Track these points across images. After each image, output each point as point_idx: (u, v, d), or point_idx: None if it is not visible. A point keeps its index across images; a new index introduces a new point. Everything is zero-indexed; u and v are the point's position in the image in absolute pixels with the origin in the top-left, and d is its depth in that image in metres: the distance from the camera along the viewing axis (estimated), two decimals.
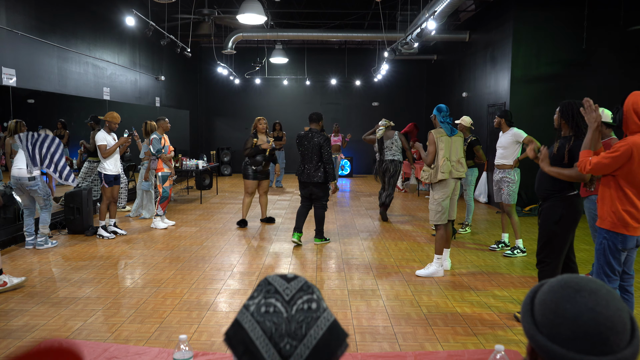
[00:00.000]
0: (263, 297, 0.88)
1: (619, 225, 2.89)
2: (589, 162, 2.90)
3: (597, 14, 8.06)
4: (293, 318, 0.85)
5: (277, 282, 0.91)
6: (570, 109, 3.45)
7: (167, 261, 5.21)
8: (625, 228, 2.88)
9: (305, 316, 0.86)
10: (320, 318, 0.87)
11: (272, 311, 0.86)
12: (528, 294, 0.93)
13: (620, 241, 2.91)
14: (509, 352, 2.01)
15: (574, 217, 3.42)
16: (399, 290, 4.35)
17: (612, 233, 2.93)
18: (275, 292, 0.88)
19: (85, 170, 7.01)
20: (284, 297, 0.88)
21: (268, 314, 0.85)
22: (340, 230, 6.92)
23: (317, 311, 0.87)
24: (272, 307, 0.86)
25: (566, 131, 3.48)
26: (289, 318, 0.85)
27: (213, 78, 14.66)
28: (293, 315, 0.86)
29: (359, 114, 15.11)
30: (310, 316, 0.86)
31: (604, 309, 0.81)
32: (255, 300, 0.89)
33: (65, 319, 3.60)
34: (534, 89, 8.34)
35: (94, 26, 8.10)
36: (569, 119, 3.44)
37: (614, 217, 2.90)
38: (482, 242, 6.25)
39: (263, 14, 6.96)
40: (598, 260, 3.02)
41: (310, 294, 0.89)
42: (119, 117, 6.21)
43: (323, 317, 0.87)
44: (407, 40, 8.15)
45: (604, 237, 2.97)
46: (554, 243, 3.44)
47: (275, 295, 0.88)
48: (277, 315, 0.85)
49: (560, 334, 0.82)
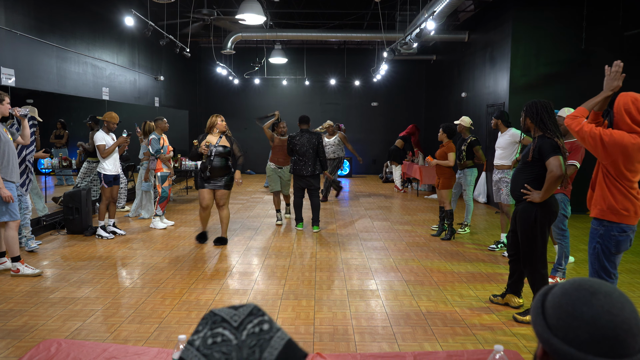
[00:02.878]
0: (209, 329, 0.82)
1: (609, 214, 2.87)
2: (583, 123, 2.85)
3: (596, 14, 8.07)
4: (244, 344, 0.79)
5: (223, 311, 0.85)
6: (534, 107, 3.48)
7: (166, 261, 5.20)
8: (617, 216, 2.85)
9: (258, 339, 0.80)
10: (273, 338, 0.81)
11: (219, 341, 0.79)
12: (537, 297, 0.92)
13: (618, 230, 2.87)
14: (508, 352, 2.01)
15: (548, 218, 3.44)
16: (398, 290, 4.35)
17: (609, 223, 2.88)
18: (222, 321, 0.82)
19: (84, 170, 7.01)
20: (231, 324, 0.81)
21: (216, 345, 0.79)
22: (340, 230, 6.92)
23: (269, 332, 0.81)
24: (219, 337, 0.80)
25: (535, 131, 3.50)
26: (239, 344, 0.79)
27: (212, 78, 14.66)
28: (244, 340, 0.79)
29: (358, 114, 15.11)
30: (263, 338, 0.80)
31: (620, 311, 0.81)
32: (200, 334, 0.82)
33: (65, 319, 3.60)
34: (533, 89, 8.34)
35: (93, 26, 8.09)
36: (534, 116, 3.45)
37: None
38: (482, 242, 6.25)
39: (262, 14, 6.96)
40: (592, 265, 2.99)
41: (261, 316, 0.83)
42: (117, 117, 6.21)
43: (277, 336, 0.81)
44: (406, 41, 8.15)
45: (597, 242, 2.94)
46: (537, 246, 3.46)
47: (222, 324, 0.82)
48: (226, 344, 0.79)
49: (578, 337, 0.81)
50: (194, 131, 14.20)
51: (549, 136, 3.39)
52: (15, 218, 4.54)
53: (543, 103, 3.46)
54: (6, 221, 4.52)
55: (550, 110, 3.44)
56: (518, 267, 3.81)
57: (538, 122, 3.43)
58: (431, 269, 5.02)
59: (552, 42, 8.29)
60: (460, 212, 7.74)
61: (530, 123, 3.52)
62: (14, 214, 4.53)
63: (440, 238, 6.38)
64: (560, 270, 4.59)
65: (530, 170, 3.47)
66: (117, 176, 6.18)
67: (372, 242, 6.18)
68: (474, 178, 6.58)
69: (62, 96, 7.10)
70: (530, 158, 3.45)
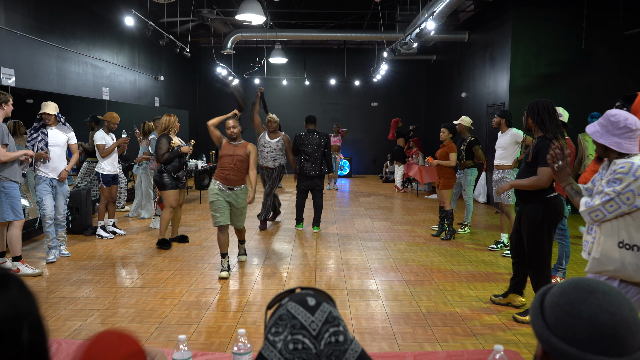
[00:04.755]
0: (289, 334, 0.88)
1: None
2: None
3: (596, 14, 8.06)
4: (322, 353, 0.86)
5: (300, 314, 0.90)
6: (535, 107, 3.46)
7: (166, 261, 5.20)
8: None
9: (334, 349, 0.86)
10: (348, 350, 0.87)
11: (300, 348, 0.86)
12: (536, 297, 0.92)
13: None
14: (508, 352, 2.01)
15: (554, 220, 3.44)
16: (398, 290, 4.35)
17: None
18: (301, 328, 0.88)
19: (84, 170, 7.01)
20: (310, 332, 0.88)
21: (297, 351, 0.86)
22: (340, 230, 6.92)
23: (344, 344, 0.88)
24: (300, 344, 0.86)
25: (536, 132, 3.50)
26: (318, 354, 0.86)
27: (212, 78, 14.66)
28: (322, 350, 0.86)
29: (358, 114, 15.11)
30: (339, 349, 0.87)
31: (619, 309, 0.81)
32: (281, 336, 0.88)
33: (64, 319, 3.60)
34: (533, 89, 8.34)
35: (93, 26, 8.09)
36: (534, 116, 3.45)
37: None
38: (481, 242, 6.25)
39: (262, 14, 6.96)
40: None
41: (336, 326, 0.89)
42: (118, 117, 6.21)
43: (351, 349, 0.88)
44: (406, 41, 8.15)
45: None
46: (543, 247, 3.45)
47: (301, 331, 0.88)
48: (306, 352, 0.86)
49: (577, 336, 0.81)
50: (194, 131, 14.20)
51: (549, 137, 3.38)
52: (19, 217, 4.54)
53: (545, 103, 3.43)
54: (11, 220, 4.52)
55: (552, 110, 3.42)
56: (522, 269, 3.80)
57: (539, 122, 3.42)
58: (431, 269, 5.02)
59: (552, 42, 8.29)
60: (460, 212, 7.74)
61: (531, 123, 3.52)
62: (18, 213, 4.54)
63: (440, 238, 6.38)
64: (561, 270, 4.59)
65: (532, 170, 3.47)
66: (115, 176, 6.18)
67: (372, 242, 6.17)
68: (474, 178, 6.58)
69: (62, 96, 7.10)
70: (530, 159, 3.45)
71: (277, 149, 6.64)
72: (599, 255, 2.26)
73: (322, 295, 0.95)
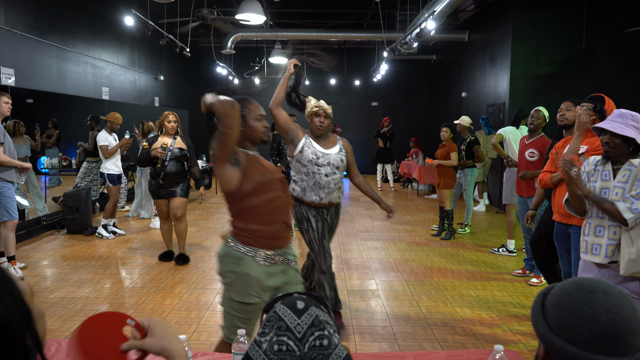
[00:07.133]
0: (275, 335, 0.89)
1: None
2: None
3: (596, 13, 8.06)
4: (306, 356, 0.87)
5: (287, 317, 0.91)
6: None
7: (167, 261, 5.20)
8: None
9: (318, 353, 0.88)
10: (332, 355, 0.88)
11: (284, 350, 0.88)
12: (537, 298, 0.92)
13: None
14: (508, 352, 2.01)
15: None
16: (398, 290, 4.35)
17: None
18: (286, 330, 0.90)
19: (84, 170, 7.01)
20: (295, 334, 0.89)
21: (281, 353, 0.87)
22: (340, 230, 6.91)
23: (328, 348, 0.89)
24: (284, 346, 0.88)
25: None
26: (301, 356, 0.87)
27: (212, 78, 14.65)
28: (306, 352, 0.87)
29: (358, 114, 15.11)
30: (322, 353, 0.88)
31: (621, 309, 0.81)
32: (267, 337, 0.90)
33: (64, 319, 3.60)
34: (533, 88, 8.34)
35: (93, 26, 8.09)
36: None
37: None
38: (482, 242, 6.25)
39: (262, 14, 6.96)
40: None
41: (321, 330, 0.90)
42: (120, 118, 6.22)
43: (335, 353, 0.89)
44: (407, 40, 8.15)
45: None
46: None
47: (287, 333, 0.89)
48: (291, 354, 0.87)
49: (579, 336, 0.81)
50: (194, 131, 14.20)
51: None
52: (13, 217, 4.54)
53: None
54: (5, 221, 4.52)
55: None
56: (554, 280, 3.61)
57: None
58: (431, 268, 5.01)
59: (552, 42, 8.28)
60: (460, 212, 7.74)
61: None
62: (13, 212, 4.53)
63: (440, 238, 6.38)
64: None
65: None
66: (120, 175, 6.24)
67: (372, 242, 6.17)
68: (474, 178, 6.57)
69: (61, 96, 7.10)
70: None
71: (341, 166, 3.53)
72: (635, 256, 2.26)
73: (315, 300, 0.95)
